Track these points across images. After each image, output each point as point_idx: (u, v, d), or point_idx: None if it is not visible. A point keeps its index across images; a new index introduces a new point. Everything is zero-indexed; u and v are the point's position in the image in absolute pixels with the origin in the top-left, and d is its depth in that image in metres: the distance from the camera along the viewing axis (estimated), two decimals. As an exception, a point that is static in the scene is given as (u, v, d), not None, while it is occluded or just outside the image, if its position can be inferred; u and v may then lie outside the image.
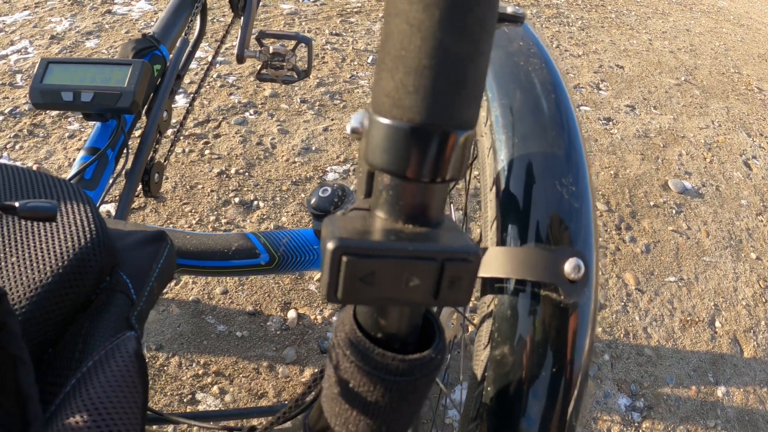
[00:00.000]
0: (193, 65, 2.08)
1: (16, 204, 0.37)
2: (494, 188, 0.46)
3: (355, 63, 2.11)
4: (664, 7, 3.51)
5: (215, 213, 1.41)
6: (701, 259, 1.61)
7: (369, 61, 2.14)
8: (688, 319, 1.42)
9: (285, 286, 1.28)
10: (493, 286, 0.42)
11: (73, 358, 0.38)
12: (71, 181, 0.80)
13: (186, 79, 1.92)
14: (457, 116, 0.25)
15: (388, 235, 0.26)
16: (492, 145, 0.49)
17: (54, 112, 1.85)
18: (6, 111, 1.82)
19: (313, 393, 0.36)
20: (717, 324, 1.43)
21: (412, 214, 0.27)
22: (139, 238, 0.49)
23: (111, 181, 0.84)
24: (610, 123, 2.10)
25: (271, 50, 1.17)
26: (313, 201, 0.69)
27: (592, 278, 0.41)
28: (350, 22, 2.43)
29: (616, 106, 2.22)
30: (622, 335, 1.34)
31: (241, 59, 1.15)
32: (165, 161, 1.08)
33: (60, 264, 0.40)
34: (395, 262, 0.25)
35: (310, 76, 1.96)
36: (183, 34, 1.10)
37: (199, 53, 2.15)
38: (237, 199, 1.46)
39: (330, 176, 1.55)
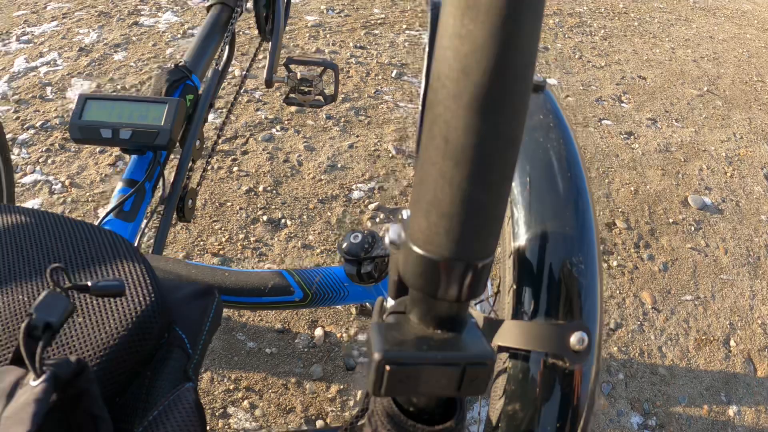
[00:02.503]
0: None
1: (89, 283, 0.42)
2: (512, 258, 0.52)
3: (380, 77, 2.16)
4: (688, 13, 3.50)
5: (244, 231, 1.48)
6: (718, 277, 1.63)
7: (393, 75, 2.19)
8: (703, 338, 1.45)
9: (311, 303, 1.34)
10: (508, 348, 0.47)
11: (138, 407, 0.44)
12: (111, 214, 0.87)
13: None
14: (479, 251, 0.31)
15: (420, 343, 0.32)
16: (511, 216, 0.54)
17: None
18: (37, 125, 1.90)
19: None
20: (732, 343, 1.46)
21: (441, 323, 0.33)
22: (190, 293, 0.55)
23: (149, 211, 0.90)
24: (632, 137, 2.13)
25: (298, 76, 1.22)
26: (344, 246, 0.74)
27: (594, 347, 0.46)
28: (374, 35, 2.48)
29: (637, 120, 2.24)
30: (637, 354, 1.37)
31: (269, 84, 1.20)
32: (197, 186, 1.13)
33: (124, 327, 0.46)
34: (427, 367, 0.31)
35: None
36: (213, 63, 1.15)
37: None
38: (265, 217, 1.52)
39: (355, 194, 1.61)
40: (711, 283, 1.61)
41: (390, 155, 1.77)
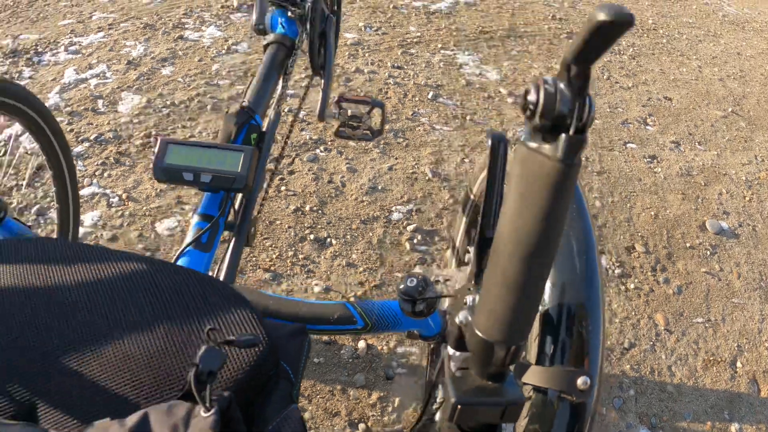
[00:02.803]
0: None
1: (234, 338, 0.58)
2: (538, 316, 0.69)
3: (416, 99, 2.31)
4: (717, 28, 3.56)
5: (293, 248, 1.64)
6: (730, 301, 1.75)
7: (429, 97, 2.33)
8: (711, 359, 1.58)
9: (355, 318, 1.50)
10: (533, 384, 0.65)
11: (255, 427, 0.61)
12: (191, 246, 1.01)
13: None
14: (520, 338, 0.48)
15: (479, 392, 0.51)
16: None
17: (138, 141, 2.09)
18: (92, 138, 2.06)
19: None
20: (738, 364, 1.59)
21: (492, 378, 0.52)
22: (289, 332, 0.70)
23: (221, 241, 1.05)
24: (655, 161, 2.24)
25: (349, 113, 1.36)
26: (402, 287, 0.89)
27: (596, 386, 0.64)
28: (410, 54, 2.62)
29: (661, 143, 2.36)
30: (648, 372, 1.51)
31: (322, 119, 1.35)
32: (258, 213, 1.29)
33: (245, 367, 0.62)
34: (483, 407, 0.48)
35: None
36: (273, 102, 1.30)
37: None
38: (312, 236, 1.68)
39: (395, 216, 1.76)
40: (722, 306, 1.73)
41: (426, 178, 1.91)
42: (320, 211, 1.76)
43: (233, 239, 1.09)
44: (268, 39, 1.33)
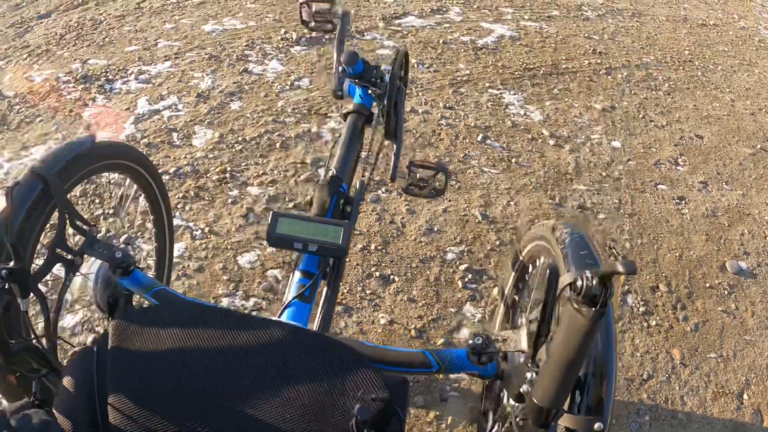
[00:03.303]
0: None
1: (374, 395, 0.87)
2: None
3: (467, 141, 2.58)
4: (752, 56, 3.71)
5: (361, 284, 1.95)
6: (742, 338, 2.00)
7: (479, 139, 2.60)
8: (720, 390, 1.84)
9: (416, 347, 1.80)
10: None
11: None
12: (296, 299, 1.26)
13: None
14: (564, 402, 0.76)
15: None
16: None
17: (214, 176, 2.35)
18: (171, 171, 2.30)
19: None
20: (745, 396, 1.84)
21: (544, 427, 0.78)
22: (396, 382, 0.98)
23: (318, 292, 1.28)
24: (683, 202, 2.47)
25: (417, 176, 1.59)
26: (470, 343, 1.12)
27: (606, 429, 0.92)
28: (461, 93, 2.89)
29: (690, 183, 2.58)
30: (662, 401, 1.78)
31: (393, 179, 1.56)
32: None
33: (374, 413, 0.89)
34: None
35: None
36: (359, 169, 1.52)
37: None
38: (377, 273, 1.98)
39: (449, 256, 2.05)
40: (735, 342, 1.98)
41: (477, 220, 2.19)
42: (384, 250, 2.06)
43: (328, 293, 1.22)
44: (348, 108, 1.48)
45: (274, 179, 2.33)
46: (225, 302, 1.90)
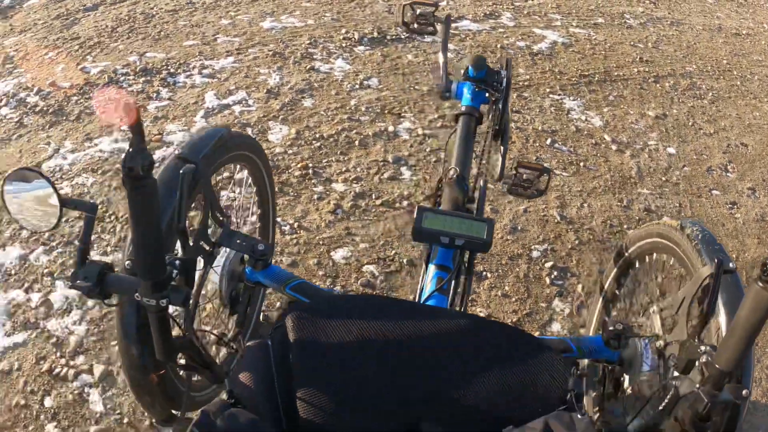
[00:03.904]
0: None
1: (580, 370, 0.97)
2: None
3: (537, 144, 2.75)
4: (786, 67, 3.90)
5: (460, 277, 2.11)
6: (798, 335, 2.19)
7: (548, 143, 2.76)
8: (784, 383, 2.03)
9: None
10: None
11: None
12: (436, 292, 1.38)
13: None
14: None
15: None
16: None
17: (297, 172, 2.45)
18: None
19: None
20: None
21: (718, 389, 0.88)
22: (570, 362, 1.12)
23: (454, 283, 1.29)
24: (735, 207, 2.66)
25: (524, 176, 1.68)
26: (611, 329, 1.20)
27: (749, 396, 1.07)
28: (524, 98, 3.05)
29: (740, 189, 2.77)
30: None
31: (500, 179, 1.65)
32: None
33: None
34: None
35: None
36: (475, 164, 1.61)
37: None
38: (473, 268, 2.15)
39: (534, 254, 2.22)
40: (792, 339, 2.17)
41: (555, 221, 2.37)
42: (475, 247, 2.23)
43: (465, 286, 1.28)
44: (460, 110, 1.52)
45: (358, 176, 2.47)
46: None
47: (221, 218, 0.99)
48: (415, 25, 1.76)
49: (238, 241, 0.96)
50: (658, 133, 2.97)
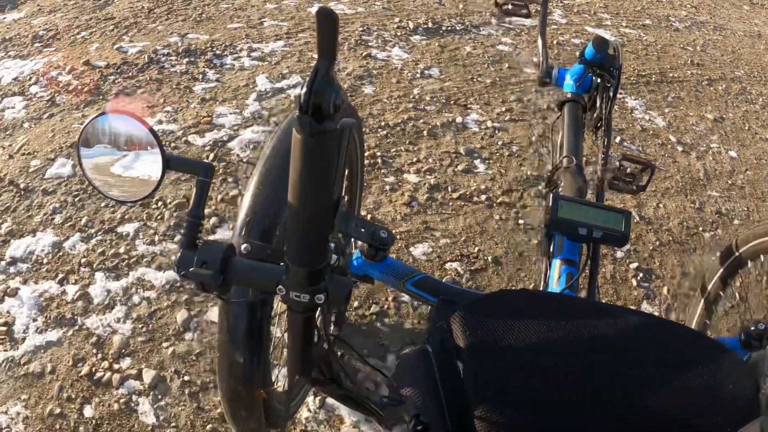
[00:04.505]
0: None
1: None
2: None
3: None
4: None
5: (547, 275, 2.08)
6: None
7: (617, 141, 2.74)
8: None
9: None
10: None
11: None
12: (566, 290, 1.33)
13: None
14: None
15: None
16: None
17: (365, 161, 2.42)
18: None
19: None
20: None
21: None
22: None
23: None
24: (801, 214, 2.67)
25: (628, 170, 1.62)
26: (752, 329, 1.14)
27: None
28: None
29: (803, 196, 2.77)
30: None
31: (604, 169, 1.63)
32: None
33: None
34: None
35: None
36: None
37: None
38: (558, 265, 2.12)
39: (619, 254, 2.19)
40: None
41: (635, 220, 2.34)
42: (558, 244, 2.19)
43: (592, 282, 1.22)
44: (565, 97, 1.50)
45: (431, 168, 2.42)
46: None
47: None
48: (509, 6, 1.72)
49: (355, 226, 0.75)
50: (718, 136, 2.96)
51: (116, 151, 0.65)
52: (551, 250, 1.19)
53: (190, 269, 0.63)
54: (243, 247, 0.74)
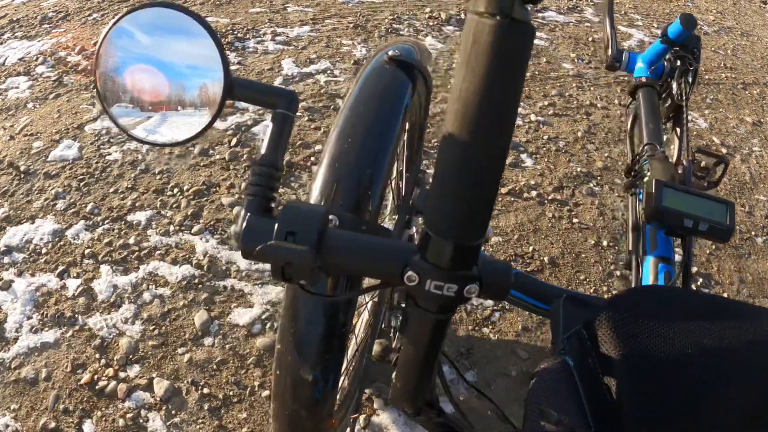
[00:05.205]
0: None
1: None
2: None
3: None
4: None
5: (605, 284, 1.85)
6: None
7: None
8: None
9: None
10: None
11: None
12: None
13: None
14: None
15: None
16: None
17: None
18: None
19: None
20: None
21: None
22: None
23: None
24: None
25: (702, 164, 1.45)
26: None
27: None
28: (626, 92, 2.80)
29: None
30: None
31: (677, 165, 1.43)
32: None
33: None
34: None
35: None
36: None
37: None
38: (618, 273, 1.89)
39: (676, 258, 1.97)
40: None
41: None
42: (616, 248, 1.97)
43: (685, 282, 1.06)
44: (638, 82, 1.39)
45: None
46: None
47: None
48: None
49: None
50: (759, 139, 2.75)
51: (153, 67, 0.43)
52: (642, 245, 1.08)
53: (269, 242, 0.41)
54: (333, 219, 0.52)
